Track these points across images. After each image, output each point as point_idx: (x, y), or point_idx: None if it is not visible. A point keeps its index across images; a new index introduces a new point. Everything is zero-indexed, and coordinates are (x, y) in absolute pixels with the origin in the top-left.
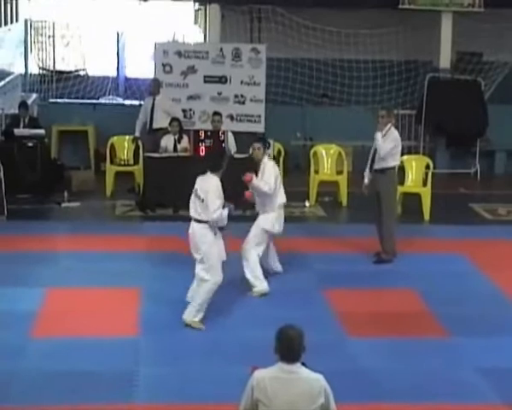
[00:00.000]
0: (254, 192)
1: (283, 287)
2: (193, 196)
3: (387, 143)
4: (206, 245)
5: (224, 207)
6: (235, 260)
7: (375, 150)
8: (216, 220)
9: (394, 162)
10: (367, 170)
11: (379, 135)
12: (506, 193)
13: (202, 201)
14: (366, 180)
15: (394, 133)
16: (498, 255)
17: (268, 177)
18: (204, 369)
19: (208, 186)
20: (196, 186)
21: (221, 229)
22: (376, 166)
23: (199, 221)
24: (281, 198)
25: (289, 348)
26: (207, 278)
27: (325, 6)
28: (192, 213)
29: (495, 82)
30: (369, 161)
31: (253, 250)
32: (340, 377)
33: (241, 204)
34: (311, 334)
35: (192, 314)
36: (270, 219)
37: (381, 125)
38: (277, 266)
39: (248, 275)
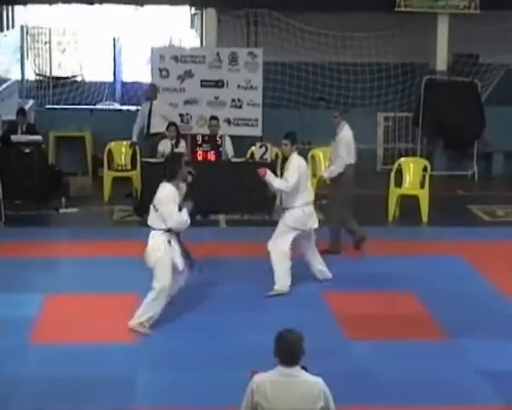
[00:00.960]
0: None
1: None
2: (151, 206)
3: (337, 142)
4: (159, 253)
5: (180, 209)
6: (232, 263)
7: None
8: (176, 225)
9: (350, 160)
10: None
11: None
12: (504, 194)
13: (156, 210)
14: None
15: (343, 133)
16: (497, 257)
17: (289, 174)
18: (203, 373)
19: (160, 196)
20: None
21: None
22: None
23: (154, 230)
24: (306, 196)
25: (289, 352)
26: (155, 285)
27: (321, 9)
28: (149, 222)
29: (492, 84)
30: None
31: (275, 247)
32: (339, 380)
33: (242, 209)
34: (311, 337)
35: (136, 317)
36: (292, 216)
37: (336, 126)
38: (322, 271)
39: (274, 271)
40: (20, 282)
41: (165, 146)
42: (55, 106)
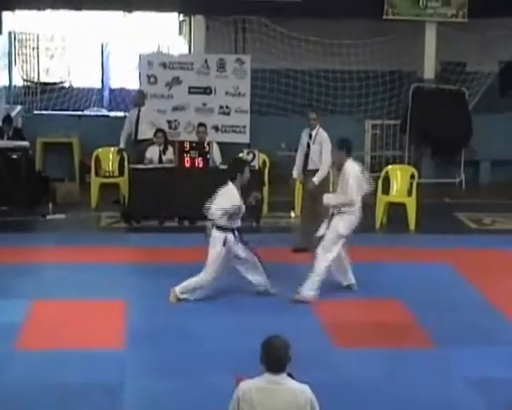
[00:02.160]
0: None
1: (270, 297)
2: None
3: (317, 145)
4: (215, 248)
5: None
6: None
7: (307, 152)
8: (215, 218)
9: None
10: (298, 170)
11: (305, 134)
12: (491, 202)
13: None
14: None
15: (324, 133)
16: (484, 264)
17: (349, 187)
18: (190, 379)
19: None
20: None
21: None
22: (310, 166)
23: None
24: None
25: (275, 359)
26: (201, 275)
27: (309, 16)
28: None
29: (479, 92)
30: (300, 162)
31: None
32: (327, 388)
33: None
34: (298, 344)
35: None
36: (346, 222)
37: (313, 127)
38: (348, 279)
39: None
40: (6, 288)
41: (152, 152)
42: (42, 112)
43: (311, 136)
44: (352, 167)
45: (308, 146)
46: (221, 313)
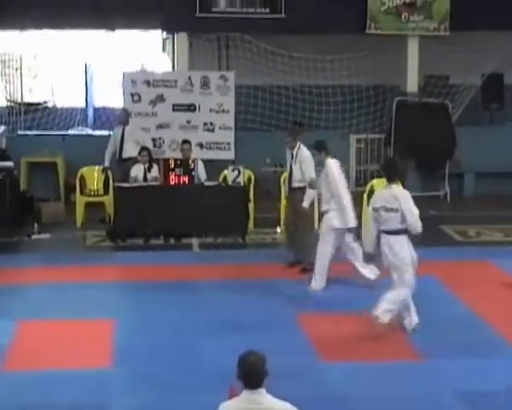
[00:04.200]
0: None
1: (256, 313)
2: (381, 212)
3: (297, 164)
4: (403, 252)
5: None
6: (205, 287)
7: (290, 171)
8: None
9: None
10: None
11: (288, 153)
12: (475, 214)
13: (396, 211)
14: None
15: (303, 152)
16: (470, 276)
17: (335, 183)
18: (177, 398)
19: (400, 195)
20: (381, 203)
21: None
22: (293, 184)
23: (395, 232)
24: None
25: (251, 374)
26: (401, 285)
27: (292, 33)
28: (385, 226)
29: (462, 104)
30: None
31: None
32: (313, 404)
33: (215, 232)
34: (284, 359)
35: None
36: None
37: (292, 148)
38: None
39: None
40: None
41: (137, 171)
42: (26, 132)
43: (292, 155)
44: (333, 164)
45: (291, 165)
46: (206, 331)
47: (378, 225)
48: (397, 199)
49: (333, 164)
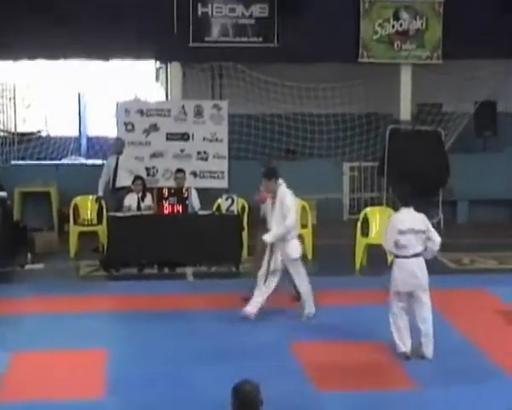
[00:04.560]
0: None
1: (251, 341)
2: (408, 236)
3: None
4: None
5: None
6: (199, 316)
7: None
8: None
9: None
10: None
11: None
12: (469, 242)
13: (423, 233)
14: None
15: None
16: (464, 304)
17: (290, 211)
18: None
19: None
20: (407, 225)
21: None
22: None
23: (419, 255)
24: None
25: (246, 404)
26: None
27: (285, 61)
28: (412, 250)
29: (455, 132)
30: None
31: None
32: None
33: (209, 261)
34: (280, 388)
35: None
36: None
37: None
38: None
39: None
40: None
41: (131, 200)
42: (20, 162)
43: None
44: (286, 192)
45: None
46: (199, 360)
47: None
48: (423, 221)
49: (287, 192)
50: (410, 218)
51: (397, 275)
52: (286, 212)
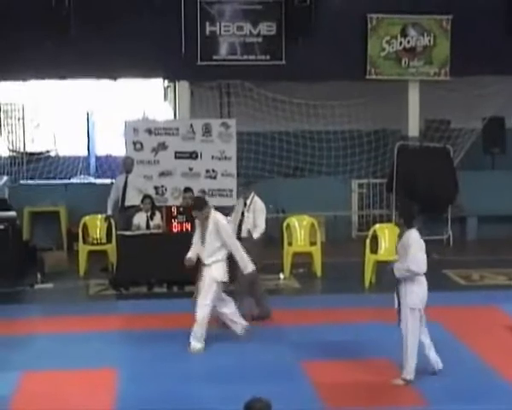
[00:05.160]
0: None
1: (260, 360)
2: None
3: (251, 212)
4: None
5: None
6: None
7: (240, 220)
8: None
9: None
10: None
11: (240, 203)
12: (479, 258)
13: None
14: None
15: (257, 203)
16: (474, 321)
17: (228, 236)
18: None
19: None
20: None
21: None
22: (243, 234)
23: None
24: None
25: None
26: None
27: (292, 79)
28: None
29: (464, 148)
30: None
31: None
32: None
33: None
34: (290, 407)
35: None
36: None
37: (247, 197)
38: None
39: None
40: None
41: (140, 219)
42: (29, 181)
43: (245, 204)
44: (220, 217)
45: (242, 214)
46: (208, 379)
47: None
48: None
49: (221, 217)
50: None
51: (419, 293)
52: (225, 237)
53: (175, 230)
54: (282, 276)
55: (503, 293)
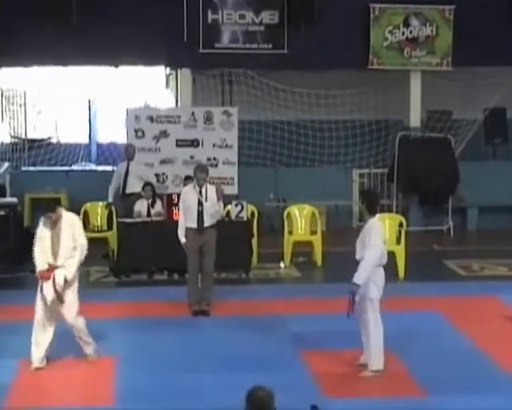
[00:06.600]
0: None
1: (260, 350)
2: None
3: (209, 201)
4: None
5: None
6: (209, 323)
7: (199, 210)
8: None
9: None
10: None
11: (192, 194)
12: (479, 249)
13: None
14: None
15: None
16: (474, 311)
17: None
18: None
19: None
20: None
21: None
22: (206, 224)
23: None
24: None
25: (260, 409)
26: None
27: (295, 68)
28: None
29: (465, 139)
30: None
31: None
32: None
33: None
34: (289, 397)
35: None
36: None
37: (202, 186)
38: None
39: None
40: None
41: (141, 206)
42: (30, 168)
43: (201, 193)
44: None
45: (200, 204)
46: (211, 367)
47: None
48: None
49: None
50: None
51: (379, 283)
52: (77, 236)
53: (176, 217)
54: (282, 265)
55: (503, 283)
